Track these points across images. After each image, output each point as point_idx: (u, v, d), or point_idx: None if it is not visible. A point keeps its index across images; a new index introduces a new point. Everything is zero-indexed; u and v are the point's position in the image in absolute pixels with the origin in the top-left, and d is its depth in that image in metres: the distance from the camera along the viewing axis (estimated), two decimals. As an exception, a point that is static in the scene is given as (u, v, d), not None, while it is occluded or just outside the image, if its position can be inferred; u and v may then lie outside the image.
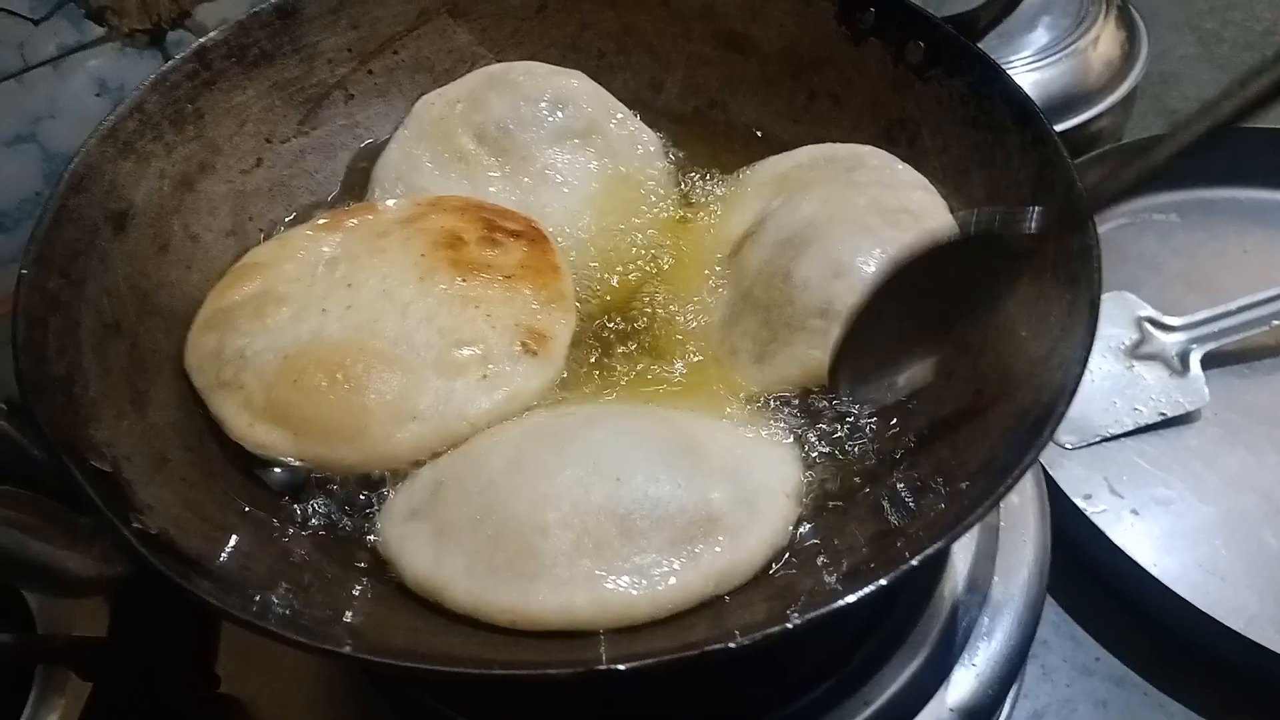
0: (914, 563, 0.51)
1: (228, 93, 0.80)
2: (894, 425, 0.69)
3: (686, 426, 0.68)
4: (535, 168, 0.85)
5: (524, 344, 0.71)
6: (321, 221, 0.79)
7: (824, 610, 0.50)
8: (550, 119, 0.86)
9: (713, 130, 0.89)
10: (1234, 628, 0.83)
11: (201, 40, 0.79)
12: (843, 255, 0.72)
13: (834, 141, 0.84)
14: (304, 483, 0.67)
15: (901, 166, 0.81)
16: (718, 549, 0.61)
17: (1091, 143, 1.20)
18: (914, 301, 0.63)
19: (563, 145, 0.86)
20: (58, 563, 0.47)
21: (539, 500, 0.61)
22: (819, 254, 0.73)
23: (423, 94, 0.88)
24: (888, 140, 0.82)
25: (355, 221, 0.79)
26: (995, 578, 0.80)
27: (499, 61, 0.90)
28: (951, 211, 0.77)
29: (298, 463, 0.66)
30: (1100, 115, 1.18)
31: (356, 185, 0.87)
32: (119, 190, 0.73)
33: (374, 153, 0.88)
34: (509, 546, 0.60)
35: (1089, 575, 0.94)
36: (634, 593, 0.58)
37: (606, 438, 0.65)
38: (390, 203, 0.82)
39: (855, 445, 0.69)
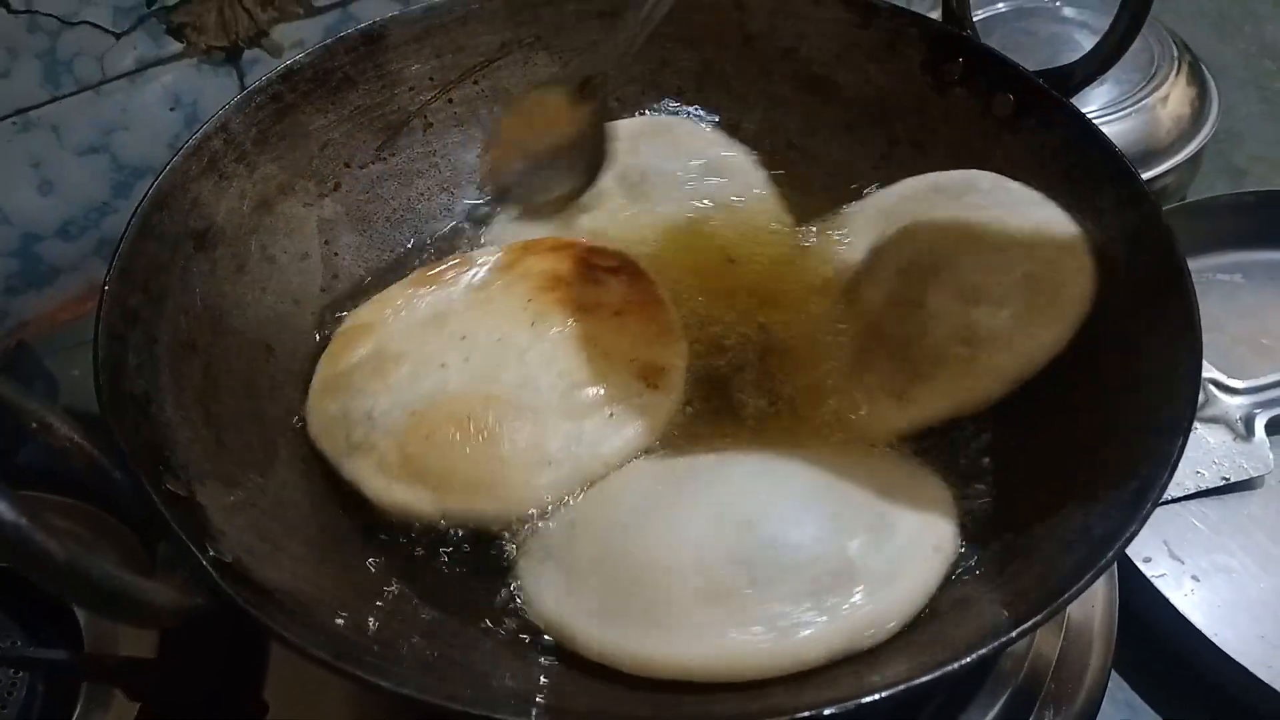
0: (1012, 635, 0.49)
1: (310, 116, 0.80)
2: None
3: (830, 469, 0.65)
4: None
5: (644, 378, 0.70)
6: (414, 276, 0.79)
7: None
8: (693, 180, 0.86)
9: (790, 171, 0.88)
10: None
11: (287, 63, 0.79)
12: (979, 278, 0.70)
13: (916, 189, 0.83)
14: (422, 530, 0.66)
15: (1015, 185, 0.77)
16: (855, 600, 0.57)
17: (1156, 200, 1.19)
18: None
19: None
20: (144, 594, 0.46)
21: (666, 543, 0.59)
22: (951, 279, 0.70)
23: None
24: (972, 192, 0.80)
25: (451, 274, 0.78)
26: (1062, 640, 0.78)
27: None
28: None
29: (439, 519, 0.65)
30: (1167, 173, 1.16)
31: (433, 215, 0.87)
32: (201, 208, 0.73)
33: (448, 184, 0.88)
34: (641, 592, 0.58)
35: (1146, 640, 0.92)
36: (763, 645, 0.55)
37: (743, 478, 0.63)
38: (480, 252, 0.82)
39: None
